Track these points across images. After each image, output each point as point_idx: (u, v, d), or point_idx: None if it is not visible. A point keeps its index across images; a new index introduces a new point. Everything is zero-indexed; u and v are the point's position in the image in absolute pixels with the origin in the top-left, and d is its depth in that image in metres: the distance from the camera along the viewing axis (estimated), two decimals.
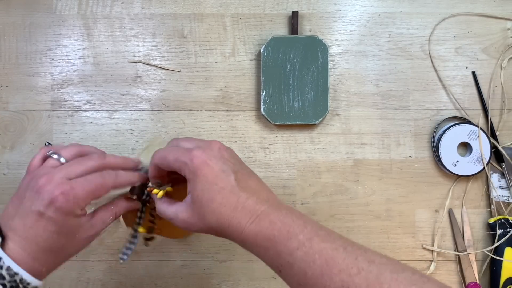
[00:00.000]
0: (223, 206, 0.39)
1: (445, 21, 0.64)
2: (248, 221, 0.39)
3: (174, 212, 0.42)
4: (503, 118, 0.64)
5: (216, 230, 0.40)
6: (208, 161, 0.40)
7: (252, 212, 0.39)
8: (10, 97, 0.64)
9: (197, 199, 0.40)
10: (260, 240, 0.38)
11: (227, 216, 0.39)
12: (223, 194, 0.39)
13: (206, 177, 0.39)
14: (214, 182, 0.39)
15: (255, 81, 0.64)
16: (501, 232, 0.61)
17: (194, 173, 0.40)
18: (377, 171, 0.64)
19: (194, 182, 0.40)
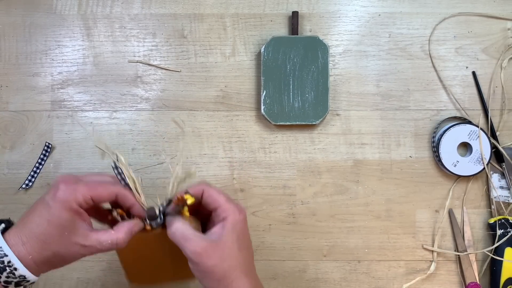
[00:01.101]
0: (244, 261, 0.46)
1: (445, 21, 0.64)
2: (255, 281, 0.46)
3: (193, 236, 0.44)
4: (503, 118, 0.64)
5: (223, 275, 0.44)
6: (245, 221, 0.47)
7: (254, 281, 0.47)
8: (10, 97, 0.64)
9: (227, 241, 0.45)
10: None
11: (240, 271, 0.45)
12: (248, 253, 0.47)
13: (243, 230, 0.47)
14: (246, 238, 0.47)
15: (255, 81, 0.64)
16: (501, 232, 0.61)
17: (236, 224, 0.46)
18: (377, 171, 0.64)
19: (233, 228, 0.45)
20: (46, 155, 0.63)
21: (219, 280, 0.44)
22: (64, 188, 0.42)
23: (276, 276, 0.63)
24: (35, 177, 0.63)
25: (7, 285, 0.40)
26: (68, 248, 0.42)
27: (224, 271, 0.44)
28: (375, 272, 0.63)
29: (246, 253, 0.47)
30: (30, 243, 0.41)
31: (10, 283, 0.40)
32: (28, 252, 0.41)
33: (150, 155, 0.64)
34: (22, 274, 0.40)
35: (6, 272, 0.40)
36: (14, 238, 0.41)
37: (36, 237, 0.41)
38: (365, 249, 0.63)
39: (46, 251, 0.42)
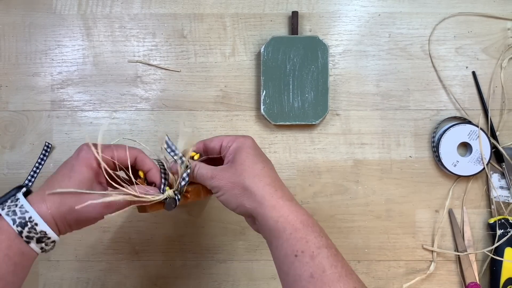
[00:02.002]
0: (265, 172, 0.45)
1: (445, 21, 0.64)
2: (286, 199, 0.43)
3: (212, 172, 0.46)
4: (503, 118, 0.64)
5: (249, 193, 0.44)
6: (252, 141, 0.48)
7: (287, 193, 0.44)
8: (10, 97, 0.64)
9: (240, 161, 0.45)
10: (294, 219, 0.42)
11: (266, 179, 0.44)
12: (265, 164, 0.46)
13: (250, 148, 0.46)
14: (256, 154, 0.46)
15: (255, 81, 0.64)
16: (501, 232, 0.61)
17: (241, 145, 0.46)
18: (377, 171, 0.64)
19: (239, 151, 0.46)
20: (46, 155, 0.63)
21: (249, 197, 0.44)
22: (87, 149, 0.45)
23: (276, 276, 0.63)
24: (35, 177, 0.63)
25: (29, 240, 0.41)
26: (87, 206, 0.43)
27: (243, 185, 0.44)
28: (375, 272, 0.63)
29: (262, 166, 0.46)
30: (50, 199, 0.42)
31: (32, 238, 0.41)
32: (48, 207, 0.42)
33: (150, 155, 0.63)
34: (43, 230, 0.41)
35: (28, 228, 0.41)
36: (36, 197, 0.43)
37: (57, 198, 0.43)
38: (365, 249, 0.63)
39: (63, 206, 0.42)
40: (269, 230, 0.43)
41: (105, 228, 0.63)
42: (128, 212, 0.63)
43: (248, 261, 0.63)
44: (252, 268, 0.63)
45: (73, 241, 0.63)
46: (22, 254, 0.41)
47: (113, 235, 0.63)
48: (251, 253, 0.63)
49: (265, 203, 0.43)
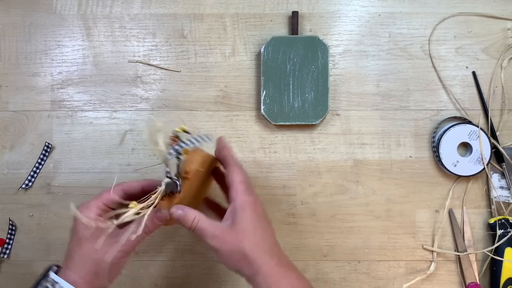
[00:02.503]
0: (263, 238, 0.47)
1: (445, 21, 0.64)
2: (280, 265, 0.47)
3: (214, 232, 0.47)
4: (503, 118, 0.64)
5: (247, 261, 0.46)
6: (255, 202, 0.48)
7: (282, 257, 0.48)
8: (10, 97, 0.64)
9: (242, 226, 0.47)
10: (285, 285, 0.46)
11: (264, 246, 0.47)
12: (265, 231, 0.48)
13: (253, 211, 0.48)
14: (258, 217, 0.48)
15: (255, 81, 0.64)
16: (502, 232, 0.61)
17: (244, 206, 0.47)
18: (377, 171, 0.64)
19: (242, 212, 0.47)
20: (46, 155, 0.63)
21: (247, 264, 0.46)
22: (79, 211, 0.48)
23: None
24: (35, 177, 0.63)
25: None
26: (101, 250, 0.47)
27: (243, 252, 0.46)
28: (375, 272, 0.63)
29: (262, 233, 0.48)
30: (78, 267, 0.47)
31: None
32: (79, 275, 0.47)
33: (150, 155, 0.64)
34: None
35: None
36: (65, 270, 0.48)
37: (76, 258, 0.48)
38: (365, 249, 0.63)
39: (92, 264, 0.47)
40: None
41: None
42: None
43: None
44: None
45: None
46: None
47: None
48: None
49: (261, 272, 0.46)
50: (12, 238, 0.63)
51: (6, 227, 0.63)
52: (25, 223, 0.64)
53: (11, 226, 0.63)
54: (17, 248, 0.63)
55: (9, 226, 0.63)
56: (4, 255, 0.63)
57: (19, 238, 0.64)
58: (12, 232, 0.63)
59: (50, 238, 0.63)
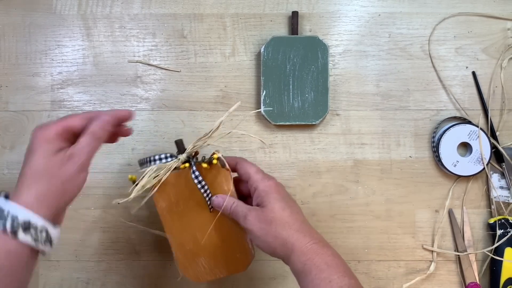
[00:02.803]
0: (293, 218, 0.48)
1: (445, 21, 0.64)
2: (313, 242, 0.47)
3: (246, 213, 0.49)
4: (503, 118, 0.64)
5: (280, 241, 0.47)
6: (277, 184, 0.51)
7: (314, 236, 0.48)
8: (10, 97, 0.64)
9: (270, 208, 0.48)
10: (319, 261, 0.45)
11: (294, 225, 0.48)
12: (293, 210, 0.49)
13: (277, 193, 0.49)
14: (283, 198, 0.50)
15: (255, 81, 0.64)
16: (501, 232, 0.61)
17: (268, 190, 0.49)
18: (377, 171, 0.64)
19: (268, 195, 0.49)
20: None
21: (280, 244, 0.47)
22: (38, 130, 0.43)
23: (276, 276, 0.63)
24: None
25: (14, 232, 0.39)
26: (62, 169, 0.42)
27: (276, 233, 0.47)
28: (375, 272, 0.63)
29: (290, 212, 0.48)
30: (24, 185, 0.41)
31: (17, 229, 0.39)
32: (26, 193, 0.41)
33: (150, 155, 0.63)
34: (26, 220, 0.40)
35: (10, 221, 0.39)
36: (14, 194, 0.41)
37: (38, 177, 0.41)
38: (365, 249, 0.63)
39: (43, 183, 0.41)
40: (298, 272, 0.47)
41: (105, 228, 0.63)
42: (128, 212, 0.63)
43: None
44: (252, 268, 0.63)
45: (73, 241, 0.63)
46: (8, 254, 0.39)
47: (113, 235, 0.64)
48: None
49: (294, 250, 0.46)
50: None
51: None
52: None
53: None
54: None
55: None
56: None
57: None
58: None
59: None
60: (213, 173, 0.53)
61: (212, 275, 0.54)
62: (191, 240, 0.54)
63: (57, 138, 0.43)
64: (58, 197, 0.42)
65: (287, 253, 0.47)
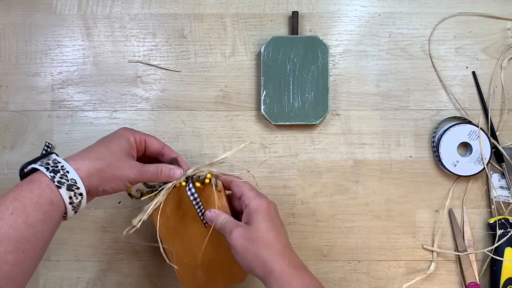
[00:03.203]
0: (275, 242, 0.48)
1: (445, 21, 0.64)
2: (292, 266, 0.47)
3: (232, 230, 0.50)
4: (503, 118, 0.64)
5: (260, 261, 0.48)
6: (267, 205, 0.50)
7: (296, 260, 0.49)
8: (10, 97, 0.64)
9: (256, 227, 0.49)
10: (296, 285, 0.46)
11: (275, 252, 0.48)
12: (278, 232, 0.49)
13: (266, 213, 0.49)
14: (271, 219, 0.50)
15: (255, 81, 0.64)
16: (501, 232, 0.61)
17: (257, 209, 0.50)
18: (377, 171, 0.64)
19: (256, 214, 0.49)
20: None
21: (259, 264, 0.47)
22: (124, 128, 0.52)
23: None
24: None
25: (60, 185, 0.43)
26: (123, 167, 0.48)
27: (256, 252, 0.47)
28: (375, 272, 0.63)
29: (275, 234, 0.49)
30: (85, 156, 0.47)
31: (63, 184, 0.44)
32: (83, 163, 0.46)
33: None
34: (73, 178, 0.44)
35: (60, 174, 0.44)
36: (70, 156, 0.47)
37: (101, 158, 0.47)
38: (365, 249, 0.63)
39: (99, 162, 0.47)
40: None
41: (105, 228, 0.63)
42: (128, 212, 0.63)
43: None
44: None
45: (73, 241, 0.63)
46: (51, 203, 0.43)
47: (113, 235, 0.64)
48: None
49: (273, 273, 0.47)
50: None
51: None
52: None
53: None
54: None
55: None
56: None
57: None
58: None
59: None
60: (207, 192, 0.54)
61: (210, 286, 0.57)
62: (189, 253, 0.55)
63: (136, 144, 0.52)
64: (101, 181, 0.47)
65: (266, 275, 0.47)
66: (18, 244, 0.40)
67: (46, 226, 0.43)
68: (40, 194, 0.42)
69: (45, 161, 0.45)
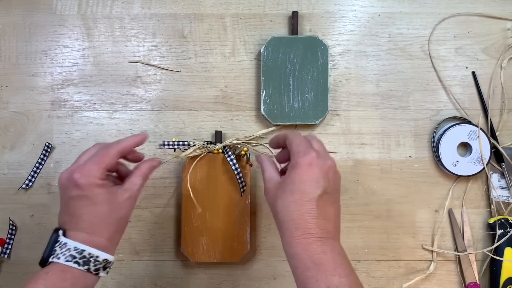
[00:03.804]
0: (296, 204, 0.44)
1: (445, 21, 0.64)
2: (303, 237, 0.43)
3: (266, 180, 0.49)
4: (503, 118, 0.64)
5: (277, 219, 0.46)
6: (314, 165, 0.45)
7: (311, 230, 0.43)
8: (10, 97, 0.64)
9: (287, 181, 0.45)
10: (306, 258, 0.43)
11: (292, 213, 0.44)
12: (301, 196, 0.44)
13: (303, 173, 0.45)
14: (304, 181, 0.45)
15: (255, 81, 0.64)
16: (501, 232, 0.61)
17: (298, 163, 0.45)
18: (377, 171, 0.64)
19: (293, 169, 0.45)
20: (46, 155, 0.63)
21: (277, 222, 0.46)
22: (79, 176, 0.45)
23: (276, 276, 0.63)
24: (35, 177, 0.63)
25: (97, 271, 0.44)
26: (122, 208, 0.47)
27: (275, 210, 0.45)
28: (375, 272, 0.63)
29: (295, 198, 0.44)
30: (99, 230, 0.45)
31: (99, 269, 0.45)
32: (100, 237, 0.45)
33: (150, 155, 0.64)
34: (105, 258, 0.45)
35: (92, 263, 0.44)
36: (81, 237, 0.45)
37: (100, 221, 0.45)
38: (365, 249, 0.63)
39: (114, 224, 0.46)
40: (287, 257, 0.45)
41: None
42: None
43: (248, 261, 0.63)
44: (252, 268, 0.63)
45: None
46: (85, 286, 0.44)
47: None
48: (251, 253, 0.63)
49: (284, 238, 0.45)
50: (13, 238, 0.63)
51: (6, 227, 0.63)
52: (25, 223, 0.64)
53: (11, 226, 0.63)
54: (18, 248, 0.64)
55: (9, 226, 0.63)
56: (4, 255, 0.63)
57: (20, 238, 0.64)
58: (12, 232, 0.63)
59: None
60: (240, 165, 0.60)
61: (208, 258, 0.61)
62: (200, 218, 0.61)
63: (104, 179, 0.46)
64: (120, 233, 0.48)
65: (280, 234, 0.45)
66: None
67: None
68: (75, 283, 0.43)
69: (66, 253, 0.43)
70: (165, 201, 0.63)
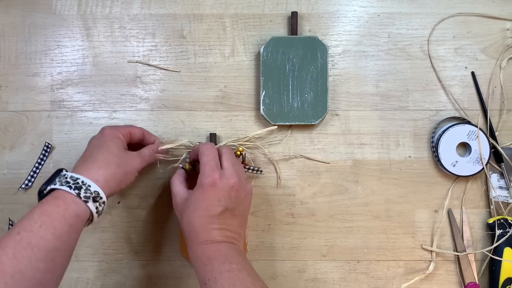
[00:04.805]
0: (199, 219, 0.51)
1: (445, 22, 0.64)
2: (196, 243, 0.50)
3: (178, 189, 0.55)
4: (502, 118, 0.64)
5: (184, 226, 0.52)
6: (217, 185, 0.51)
7: (213, 238, 0.50)
8: (10, 97, 0.64)
9: (192, 199, 0.52)
10: (204, 257, 0.49)
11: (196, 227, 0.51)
12: (203, 213, 0.51)
13: (205, 192, 0.51)
14: (206, 199, 0.51)
15: (255, 82, 0.64)
16: (500, 232, 0.61)
17: (203, 184, 0.52)
18: (377, 171, 0.64)
19: (198, 188, 0.52)
20: (46, 155, 0.64)
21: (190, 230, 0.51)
22: (108, 128, 0.56)
23: (276, 276, 0.63)
24: (35, 177, 0.63)
25: (87, 200, 0.48)
26: (129, 166, 0.54)
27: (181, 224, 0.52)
28: (374, 272, 0.63)
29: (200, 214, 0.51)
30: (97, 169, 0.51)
31: (89, 198, 0.48)
32: (97, 172, 0.50)
33: None
34: (96, 190, 0.49)
35: (83, 189, 0.48)
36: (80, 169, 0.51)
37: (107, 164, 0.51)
38: (364, 249, 0.63)
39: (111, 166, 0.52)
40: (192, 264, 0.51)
41: (105, 228, 0.64)
42: (128, 212, 0.63)
43: None
44: None
45: None
46: (76, 216, 0.48)
47: (113, 235, 0.64)
48: (250, 253, 0.63)
49: (188, 246, 0.51)
50: None
51: (6, 227, 0.63)
52: None
53: (11, 226, 0.63)
54: None
55: (9, 226, 0.63)
56: None
57: None
58: None
59: None
60: None
61: None
62: None
63: (124, 138, 0.56)
64: (118, 183, 0.52)
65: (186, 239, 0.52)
66: (48, 253, 0.45)
67: (72, 236, 0.48)
68: (66, 208, 0.47)
69: (63, 180, 0.49)
70: (165, 201, 0.64)
